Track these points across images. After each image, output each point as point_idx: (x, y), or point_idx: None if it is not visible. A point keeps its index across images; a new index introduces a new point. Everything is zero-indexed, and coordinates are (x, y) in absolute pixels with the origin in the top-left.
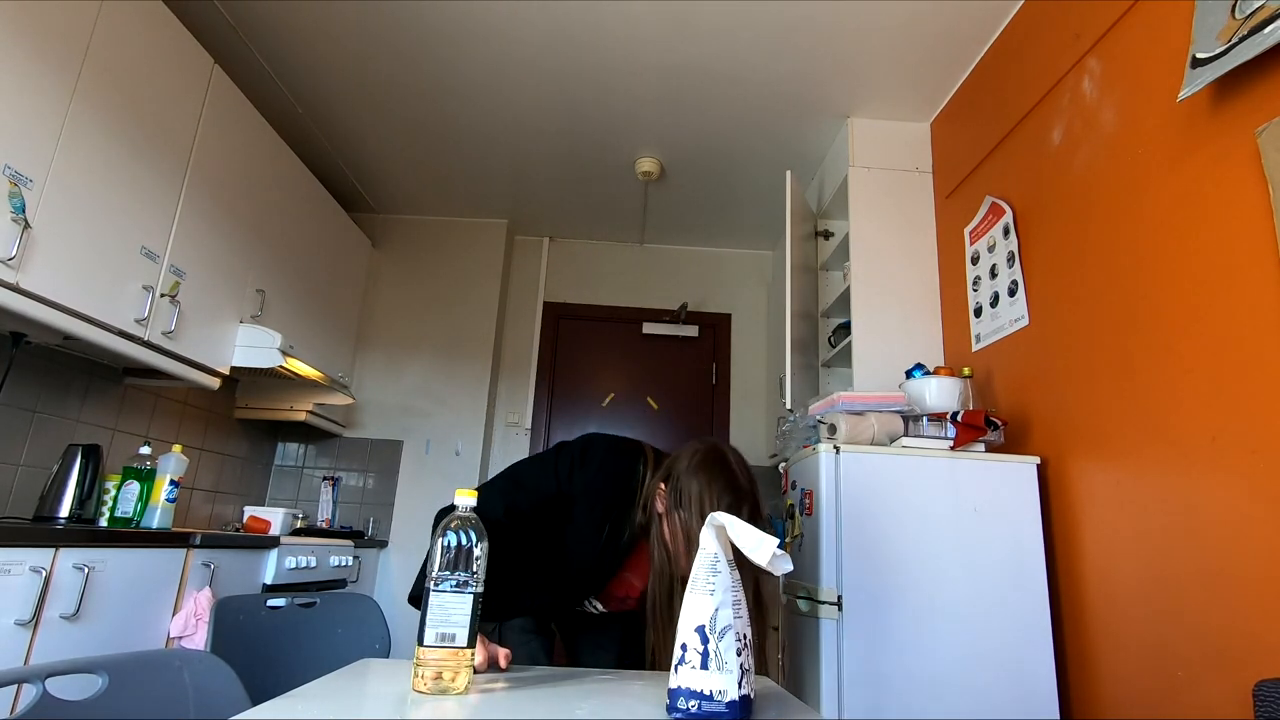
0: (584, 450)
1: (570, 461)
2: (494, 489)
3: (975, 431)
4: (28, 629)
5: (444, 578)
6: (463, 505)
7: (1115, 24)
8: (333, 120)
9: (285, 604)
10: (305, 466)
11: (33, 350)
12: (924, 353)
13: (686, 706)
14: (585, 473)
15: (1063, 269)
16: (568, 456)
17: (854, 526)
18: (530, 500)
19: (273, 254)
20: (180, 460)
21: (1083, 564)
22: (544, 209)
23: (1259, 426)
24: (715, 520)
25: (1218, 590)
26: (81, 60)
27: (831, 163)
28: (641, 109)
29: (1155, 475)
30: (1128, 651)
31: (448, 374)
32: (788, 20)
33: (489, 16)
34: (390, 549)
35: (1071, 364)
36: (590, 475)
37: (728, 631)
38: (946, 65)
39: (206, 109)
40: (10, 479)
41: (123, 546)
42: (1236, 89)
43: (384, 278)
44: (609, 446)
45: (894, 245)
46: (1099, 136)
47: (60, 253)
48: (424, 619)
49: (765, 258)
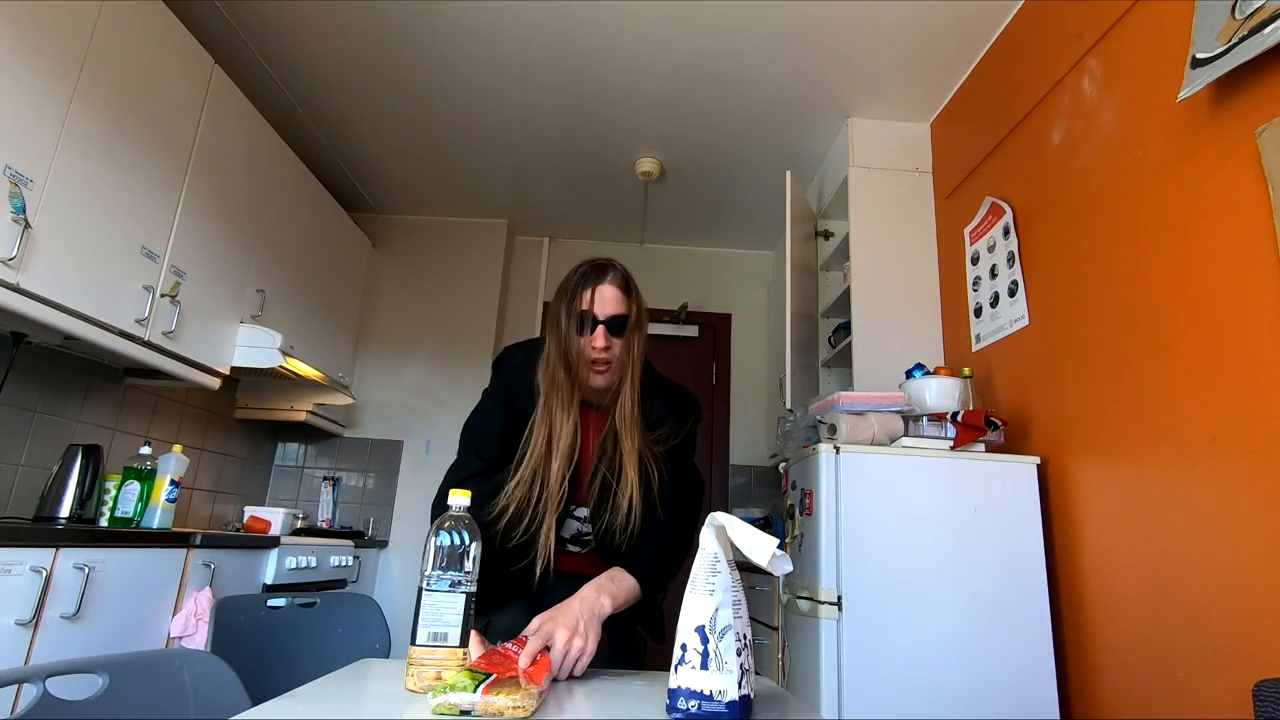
0: (494, 365)
1: (491, 383)
2: (459, 454)
3: (975, 431)
4: (28, 629)
5: (436, 577)
6: (456, 504)
7: (1115, 24)
8: (333, 120)
9: (285, 604)
10: (305, 466)
11: (33, 350)
12: (924, 353)
13: (686, 706)
14: (501, 377)
15: (1063, 269)
16: (489, 383)
17: (854, 526)
18: (489, 438)
19: (273, 254)
20: (180, 460)
21: (1082, 564)
22: (544, 209)
23: (1259, 426)
24: (715, 520)
25: (1217, 590)
26: (81, 60)
27: (831, 163)
28: (642, 109)
29: (1155, 475)
30: (1127, 651)
31: (448, 374)
32: (788, 20)
33: (489, 16)
34: (390, 549)
35: (1071, 364)
36: (505, 375)
37: (728, 631)
38: (946, 65)
39: (206, 109)
40: (10, 479)
41: (123, 546)
42: (1236, 89)
43: (384, 278)
44: (507, 348)
45: (894, 245)
46: (1099, 137)
47: (60, 253)
48: (416, 618)
49: (765, 258)
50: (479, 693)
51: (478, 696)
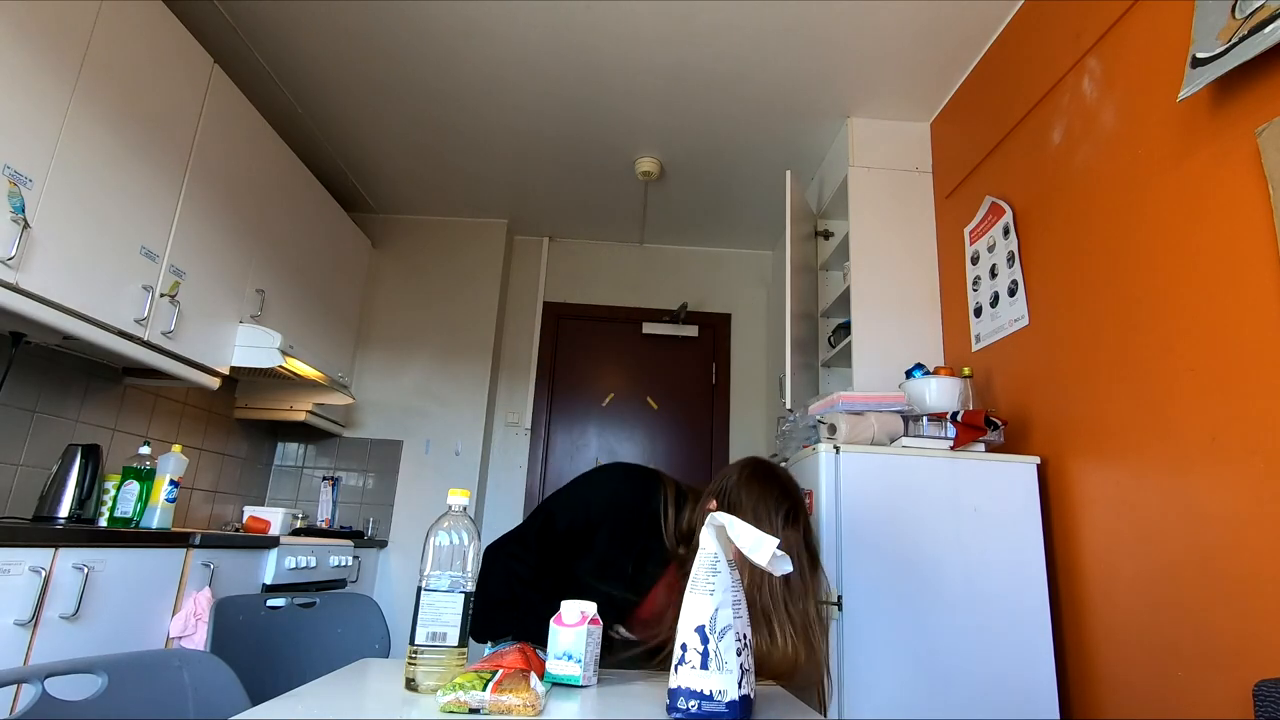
0: (601, 473)
1: (588, 485)
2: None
3: (975, 431)
4: (27, 629)
5: (435, 577)
6: (455, 504)
7: (1115, 24)
8: (333, 120)
9: (285, 604)
10: (305, 466)
11: (33, 350)
12: (924, 353)
13: (686, 706)
14: (602, 493)
15: (1062, 269)
16: (584, 481)
17: (854, 526)
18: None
19: (273, 254)
20: (180, 460)
21: (1082, 564)
22: (544, 209)
23: (1259, 426)
24: (715, 520)
25: (1218, 590)
26: (81, 60)
27: (831, 163)
28: (641, 109)
29: (1155, 475)
30: (1128, 651)
31: (448, 374)
32: (788, 20)
33: (489, 17)
34: (390, 549)
35: (1071, 364)
36: (609, 495)
37: (728, 631)
38: (946, 65)
39: (206, 109)
40: (10, 479)
41: (122, 546)
42: (1236, 89)
43: (384, 278)
44: (625, 470)
45: (894, 245)
46: (1099, 136)
47: (60, 253)
48: (415, 618)
49: (765, 258)
50: (488, 691)
51: (486, 695)
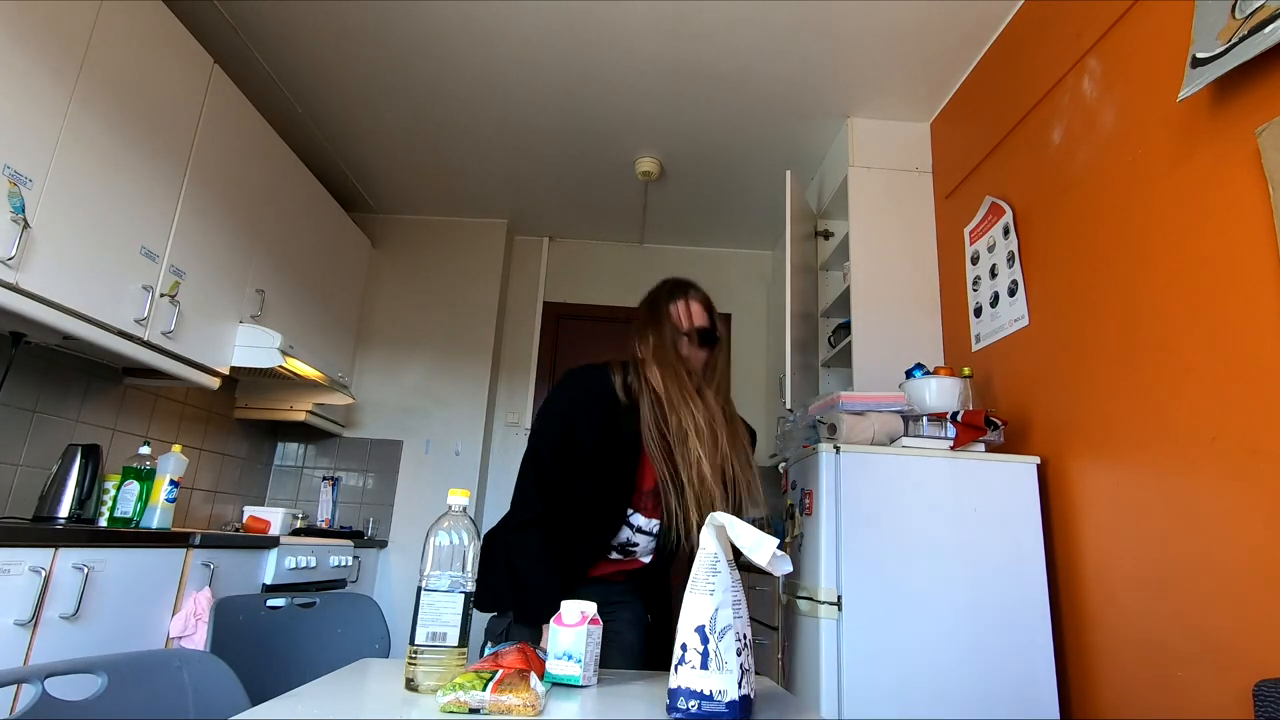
0: (553, 388)
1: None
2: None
3: (975, 431)
4: (27, 629)
5: (435, 577)
6: (455, 504)
7: (1115, 24)
8: (333, 120)
9: (285, 604)
10: (305, 466)
11: (33, 350)
12: (924, 353)
13: (686, 706)
14: (560, 398)
15: (1062, 269)
16: (543, 407)
17: (854, 526)
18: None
19: (273, 254)
20: (180, 460)
21: (1082, 564)
22: (544, 209)
23: (1259, 426)
24: (715, 520)
25: (1218, 590)
26: (81, 60)
27: (831, 163)
28: (641, 109)
29: (1155, 475)
30: (1128, 651)
31: (448, 374)
32: (788, 20)
33: (489, 17)
34: (390, 549)
35: (1071, 364)
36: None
37: (728, 631)
38: (946, 65)
39: (206, 109)
40: (10, 479)
41: (122, 546)
42: (1236, 89)
43: (384, 278)
44: (570, 371)
45: (894, 245)
46: (1099, 136)
47: (60, 253)
48: (415, 618)
49: (765, 258)
50: (488, 691)
51: (487, 695)
